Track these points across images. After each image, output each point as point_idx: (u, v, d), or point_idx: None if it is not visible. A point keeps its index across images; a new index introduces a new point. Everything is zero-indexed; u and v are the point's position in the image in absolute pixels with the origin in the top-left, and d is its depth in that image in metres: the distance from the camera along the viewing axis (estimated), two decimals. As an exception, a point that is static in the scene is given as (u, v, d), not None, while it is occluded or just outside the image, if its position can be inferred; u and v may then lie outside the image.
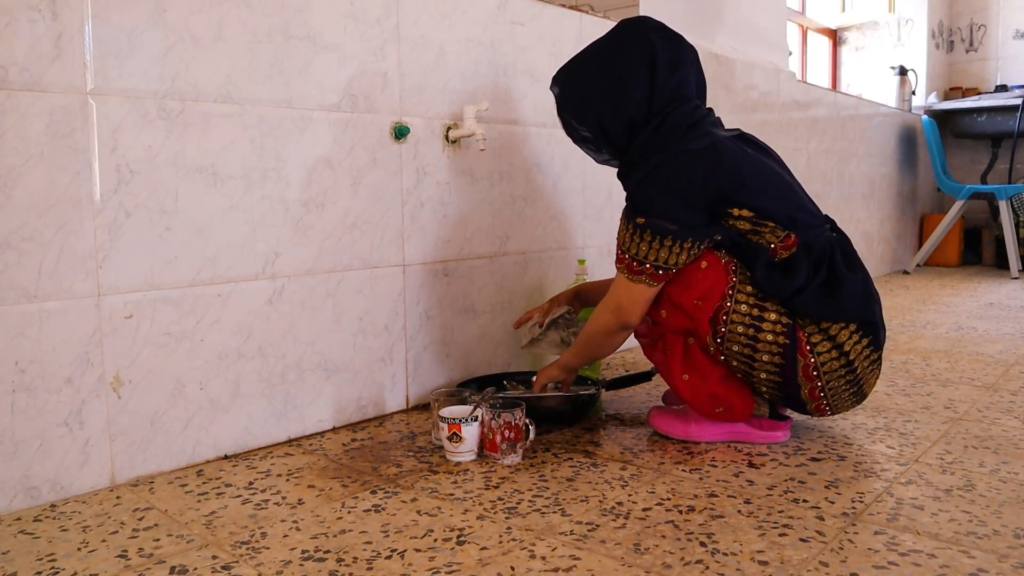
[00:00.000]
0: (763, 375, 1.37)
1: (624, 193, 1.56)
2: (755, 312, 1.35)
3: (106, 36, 1.23)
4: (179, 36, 1.31)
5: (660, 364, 1.48)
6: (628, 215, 1.38)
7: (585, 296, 1.74)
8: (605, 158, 1.53)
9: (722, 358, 1.39)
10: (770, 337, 1.34)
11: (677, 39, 1.45)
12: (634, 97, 1.40)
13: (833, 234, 1.43)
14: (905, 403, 1.74)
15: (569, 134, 1.54)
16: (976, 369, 2.06)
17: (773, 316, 1.34)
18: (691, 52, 1.46)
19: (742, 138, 1.46)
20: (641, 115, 1.41)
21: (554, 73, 1.53)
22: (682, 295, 1.38)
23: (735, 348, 1.36)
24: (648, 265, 1.35)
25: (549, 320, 1.68)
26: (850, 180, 3.93)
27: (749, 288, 1.36)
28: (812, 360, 1.35)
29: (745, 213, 1.35)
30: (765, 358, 1.36)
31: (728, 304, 1.35)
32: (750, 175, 1.38)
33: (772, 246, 1.36)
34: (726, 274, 1.36)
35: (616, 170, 1.54)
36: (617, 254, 1.41)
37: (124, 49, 1.25)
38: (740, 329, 1.35)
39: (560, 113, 1.52)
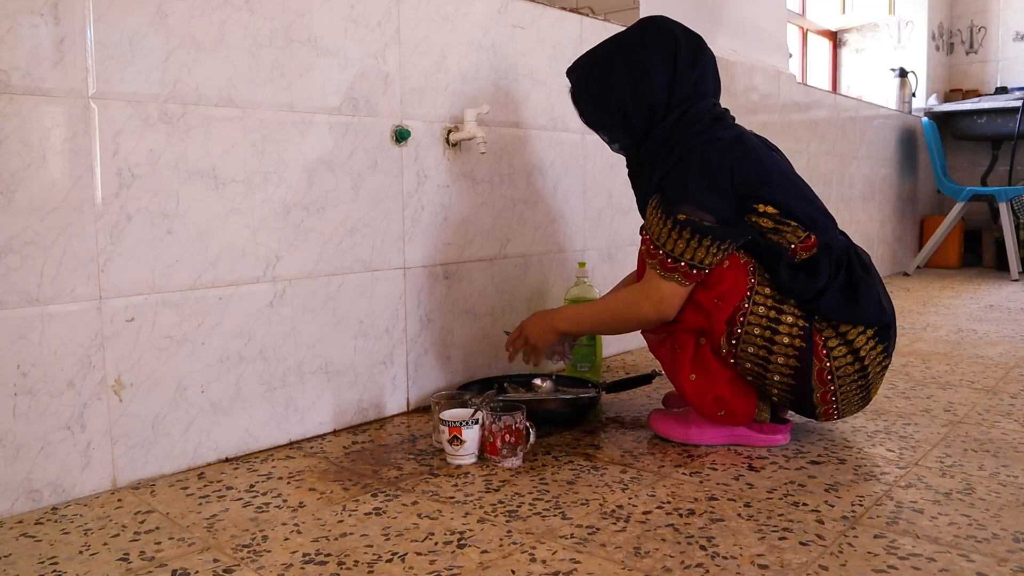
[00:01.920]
0: (776, 378, 1.37)
1: (630, 193, 1.56)
2: (772, 314, 1.34)
3: (108, 40, 1.23)
4: (180, 40, 1.31)
5: (667, 362, 1.48)
6: (666, 209, 1.35)
7: None
8: (620, 146, 1.53)
9: (733, 361, 1.38)
10: (787, 340, 1.34)
11: (698, 38, 1.47)
12: (657, 84, 1.41)
13: (842, 238, 1.44)
14: (905, 406, 1.74)
15: (585, 121, 1.54)
16: (976, 372, 2.06)
17: (790, 319, 1.34)
18: (709, 53, 1.48)
19: (756, 137, 1.47)
20: (662, 104, 1.42)
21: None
22: (703, 293, 1.37)
23: (750, 350, 1.36)
24: (683, 263, 1.33)
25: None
26: (850, 182, 3.93)
27: (767, 289, 1.36)
28: (828, 364, 1.35)
29: (769, 210, 1.35)
30: (780, 360, 1.35)
31: (746, 305, 1.35)
32: (773, 171, 1.39)
33: (792, 246, 1.36)
34: (746, 275, 1.36)
35: (624, 171, 1.54)
36: (648, 248, 1.38)
37: (126, 53, 1.25)
38: (757, 331, 1.35)
39: (576, 100, 1.52)
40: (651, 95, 1.41)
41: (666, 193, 1.36)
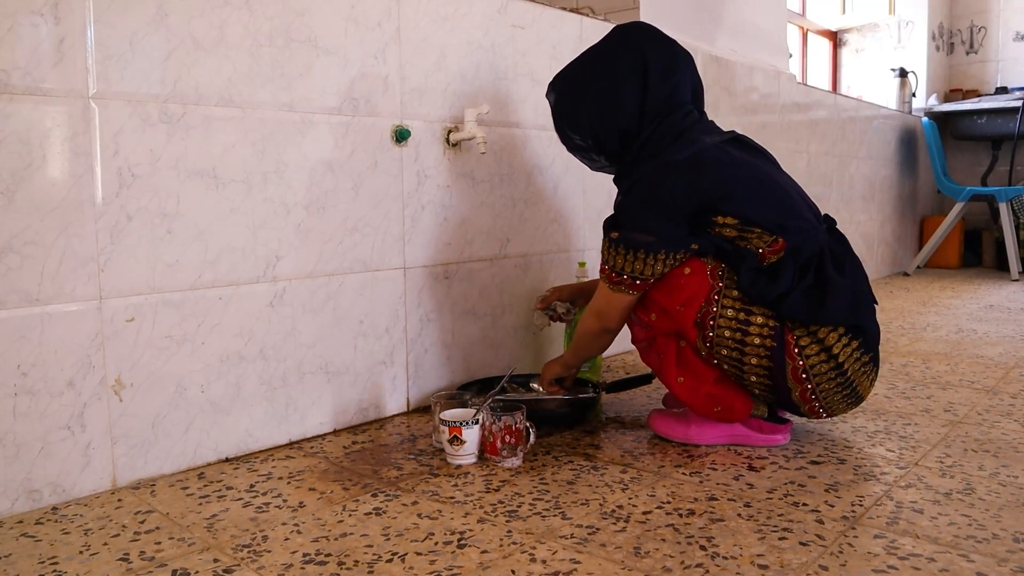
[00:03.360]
0: (753, 378, 1.38)
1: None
2: (741, 316, 1.35)
3: (108, 40, 1.23)
4: (181, 40, 1.31)
5: (656, 367, 1.50)
6: (605, 229, 1.42)
7: (588, 294, 1.75)
8: (600, 165, 1.55)
9: (715, 361, 1.39)
10: (757, 340, 1.35)
11: (669, 44, 1.46)
12: (626, 107, 1.42)
13: (829, 236, 1.43)
14: (905, 406, 1.74)
15: (564, 143, 1.55)
16: (976, 372, 2.06)
17: (760, 320, 1.35)
18: (685, 57, 1.47)
19: (736, 141, 1.46)
20: (634, 124, 1.43)
21: (550, 79, 1.54)
22: (667, 300, 1.40)
23: (724, 352, 1.37)
24: (626, 276, 1.39)
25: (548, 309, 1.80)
26: (850, 182, 3.93)
27: (736, 292, 1.36)
28: (800, 363, 1.35)
29: (730, 220, 1.36)
30: (754, 361, 1.36)
31: (714, 309, 1.36)
32: (736, 183, 1.37)
33: (760, 251, 1.36)
34: (710, 279, 1.37)
35: (612, 176, 1.55)
36: (600, 264, 1.45)
37: (126, 53, 1.25)
38: (727, 333, 1.36)
39: (556, 122, 1.54)
40: (621, 119, 1.43)
41: (615, 214, 1.42)
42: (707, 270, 1.38)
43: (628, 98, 1.42)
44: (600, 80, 1.44)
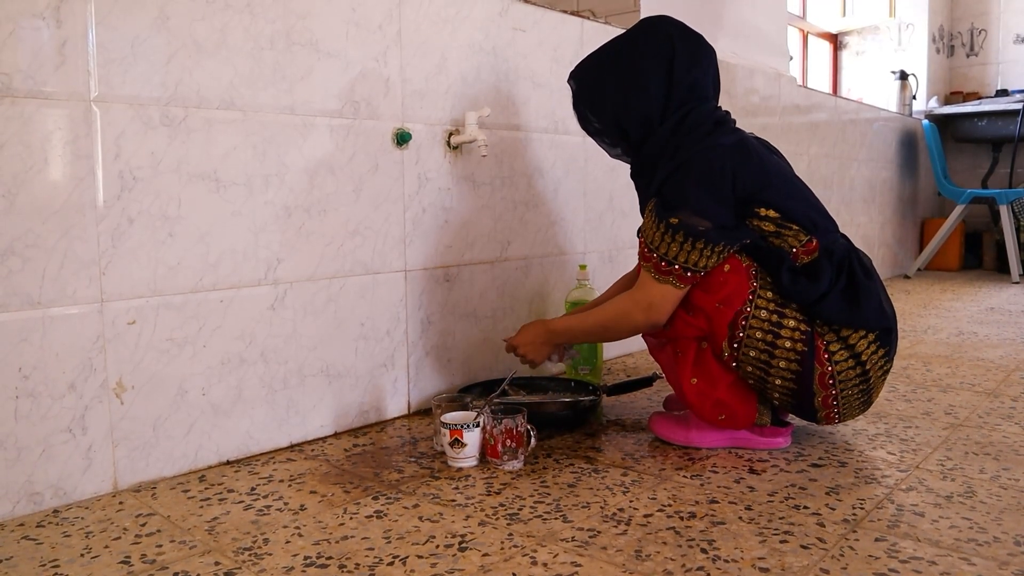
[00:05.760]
0: (778, 382, 1.37)
1: (632, 195, 1.57)
2: (774, 318, 1.34)
3: (110, 43, 1.23)
4: (182, 43, 1.31)
5: (668, 366, 1.48)
6: (659, 213, 1.35)
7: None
8: (618, 153, 1.54)
9: (735, 364, 1.38)
10: (788, 344, 1.34)
11: (696, 38, 1.46)
12: (650, 93, 1.41)
13: (844, 241, 1.43)
14: (906, 409, 1.74)
15: (584, 127, 1.55)
16: (977, 374, 2.06)
17: (792, 323, 1.34)
18: (709, 52, 1.47)
19: (760, 140, 1.48)
20: (657, 111, 1.42)
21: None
22: (703, 298, 1.36)
23: (752, 354, 1.36)
24: (677, 266, 1.33)
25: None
26: (851, 184, 3.93)
27: (769, 294, 1.35)
28: (829, 368, 1.35)
29: (771, 214, 1.35)
30: (782, 364, 1.35)
31: (748, 309, 1.35)
32: (775, 175, 1.39)
33: (794, 250, 1.36)
34: (748, 279, 1.35)
35: (628, 170, 1.54)
36: (643, 251, 1.38)
37: (128, 56, 1.25)
38: (759, 335, 1.34)
39: (576, 106, 1.53)
40: (645, 103, 1.41)
41: (664, 198, 1.36)
42: (744, 268, 1.36)
43: (652, 84, 1.41)
44: (625, 64, 1.43)
